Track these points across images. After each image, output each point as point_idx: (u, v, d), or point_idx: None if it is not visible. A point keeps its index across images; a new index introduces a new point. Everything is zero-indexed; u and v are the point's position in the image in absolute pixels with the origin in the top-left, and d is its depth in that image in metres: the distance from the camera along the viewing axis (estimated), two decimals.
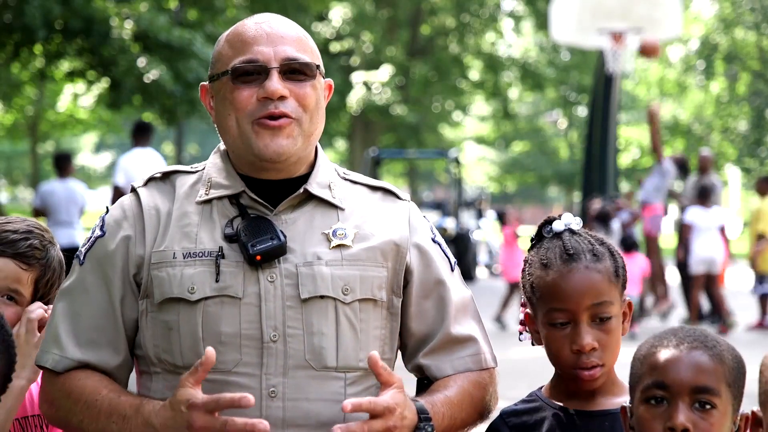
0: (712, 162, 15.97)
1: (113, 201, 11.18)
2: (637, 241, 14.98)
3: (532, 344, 2.54)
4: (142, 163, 11.01)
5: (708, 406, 2.12)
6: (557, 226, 2.52)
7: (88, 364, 2.47)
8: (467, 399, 2.50)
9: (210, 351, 2.26)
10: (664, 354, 2.15)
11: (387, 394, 2.31)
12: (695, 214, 14.56)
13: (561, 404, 2.48)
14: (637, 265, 13.67)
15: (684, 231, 14.73)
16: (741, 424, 2.19)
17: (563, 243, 2.47)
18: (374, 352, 2.33)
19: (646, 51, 15.61)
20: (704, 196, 14.59)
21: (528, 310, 2.53)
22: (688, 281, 15.25)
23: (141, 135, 11.49)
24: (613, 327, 2.43)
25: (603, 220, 15.13)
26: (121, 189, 10.92)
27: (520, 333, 2.57)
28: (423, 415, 2.37)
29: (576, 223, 2.54)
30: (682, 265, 15.26)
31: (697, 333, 2.19)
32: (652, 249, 15.51)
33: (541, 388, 2.55)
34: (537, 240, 2.55)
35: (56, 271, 2.78)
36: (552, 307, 2.43)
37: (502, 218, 16.56)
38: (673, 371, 2.13)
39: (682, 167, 15.71)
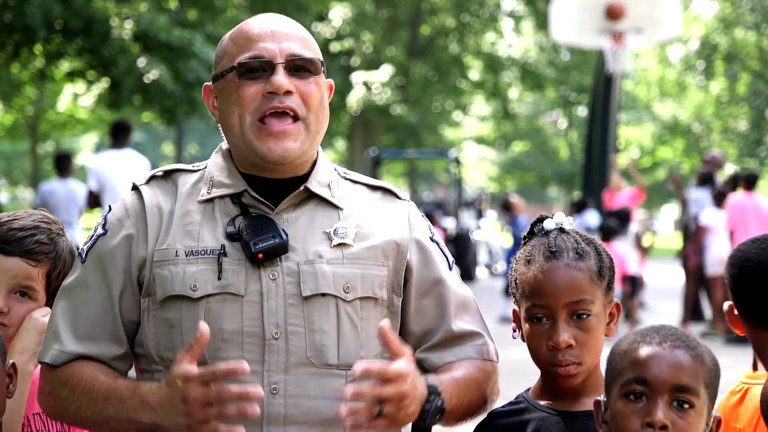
0: (720, 163, 15.93)
1: (89, 205, 11.18)
2: (615, 228, 14.83)
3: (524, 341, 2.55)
4: (113, 165, 10.90)
5: (686, 405, 2.13)
6: (548, 224, 2.56)
7: (87, 356, 2.48)
8: (473, 383, 2.50)
9: (203, 325, 2.26)
10: (647, 350, 2.16)
11: (400, 362, 2.29)
12: (712, 216, 14.44)
13: (546, 405, 2.49)
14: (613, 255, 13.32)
15: (700, 233, 14.50)
16: (713, 426, 2.20)
17: (548, 241, 2.51)
18: (385, 320, 2.32)
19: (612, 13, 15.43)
20: (720, 199, 14.49)
21: (515, 308, 2.55)
22: (694, 283, 15.19)
23: (117, 136, 11.30)
24: (592, 326, 2.45)
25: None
26: (94, 192, 10.84)
27: (514, 330, 2.59)
28: (431, 389, 2.36)
29: (568, 222, 2.56)
30: (686, 266, 15.22)
31: (680, 333, 2.20)
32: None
33: (528, 390, 2.56)
34: (528, 238, 2.57)
35: (67, 261, 2.80)
36: (532, 303, 2.46)
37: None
38: (654, 368, 2.14)
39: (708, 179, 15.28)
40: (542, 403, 2.50)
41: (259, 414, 2.23)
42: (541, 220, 2.58)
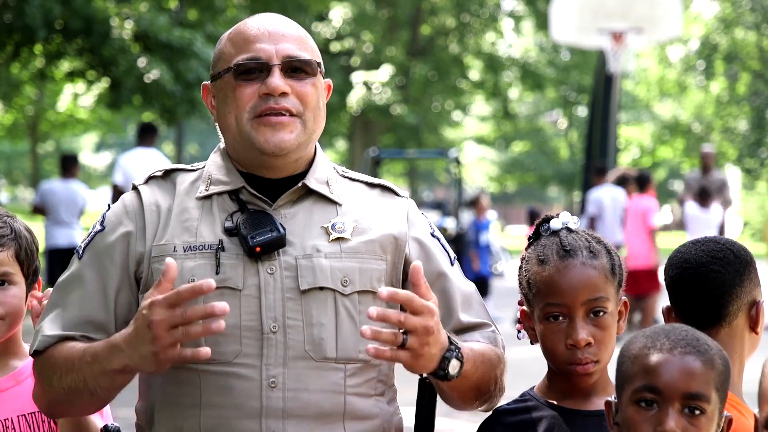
0: (714, 158, 15.91)
1: (113, 200, 11.20)
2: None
3: (531, 343, 2.55)
4: (142, 162, 11.06)
5: (698, 412, 2.12)
6: (555, 224, 2.55)
7: (71, 336, 2.46)
8: (487, 358, 2.48)
9: (170, 261, 2.25)
10: (657, 357, 2.14)
11: (429, 300, 2.26)
12: (692, 209, 14.51)
13: (556, 404, 2.49)
14: None
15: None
16: (724, 426, 2.19)
17: (560, 240, 2.50)
18: (417, 261, 2.30)
19: None
20: (703, 195, 14.53)
21: (524, 308, 2.55)
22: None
23: (145, 136, 11.58)
24: (608, 323, 2.45)
25: None
26: (119, 187, 10.96)
27: (518, 331, 2.59)
28: (453, 342, 2.33)
29: (573, 221, 2.56)
30: None
31: (690, 337, 2.18)
32: None
33: (533, 387, 2.56)
34: (534, 238, 2.57)
35: (27, 237, 2.77)
36: (548, 302, 2.45)
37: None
38: (665, 376, 2.12)
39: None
40: (551, 401, 2.50)
41: (224, 328, 2.21)
42: (547, 220, 2.58)
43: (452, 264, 2.63)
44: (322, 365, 2.44)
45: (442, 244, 2.64)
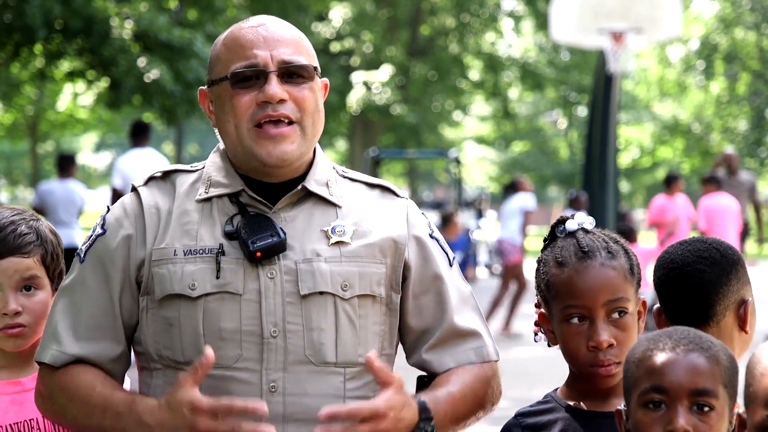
0: (738, 160, 15.81)
1: (112, 203, 11.17)
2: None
3: (549, 345, 2.54)
4: (139, 164, 11.00)
5: (707, 408, 2.12)
6: (571, 225, 2.55)
7: (86, 359, 2.48)
8: (470, 394, 2.51)
9: (209, 351, 2.28)
10: (661, 357, 2.14)
11: (381, 397, 2.30)
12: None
13: (575, 405, 2.49)
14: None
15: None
16: (736, 424, 2.18)
17: (578, 241, 2.50)
18: (372, 351, 2.34)
19: None
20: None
21: (542, 310, 2.54)
22: None
23: (139, 135, 11.45)
24: (629, 324, 2.45)
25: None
26: (118, 191, 10.91)
27: (535, 334, 2.58)
28: (424, 415, 2.37)
29: (589, 222, 2.56)
30: None
31: (692, 335, 2.18)
32: None
33: (557, 389, 2.56)
34: (550, 240, 2.57)
35: (52, 241, 2.78)
36: (568, 304, 2.45)
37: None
38: (671, 375, 2.12)
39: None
40: (570, 403, 2.50)
41: None
42: (562, 221, 2.57)
43: (450, 265, 2.63)
44: (322, 369, 2.44)
45: (441, 245, 2.64)
